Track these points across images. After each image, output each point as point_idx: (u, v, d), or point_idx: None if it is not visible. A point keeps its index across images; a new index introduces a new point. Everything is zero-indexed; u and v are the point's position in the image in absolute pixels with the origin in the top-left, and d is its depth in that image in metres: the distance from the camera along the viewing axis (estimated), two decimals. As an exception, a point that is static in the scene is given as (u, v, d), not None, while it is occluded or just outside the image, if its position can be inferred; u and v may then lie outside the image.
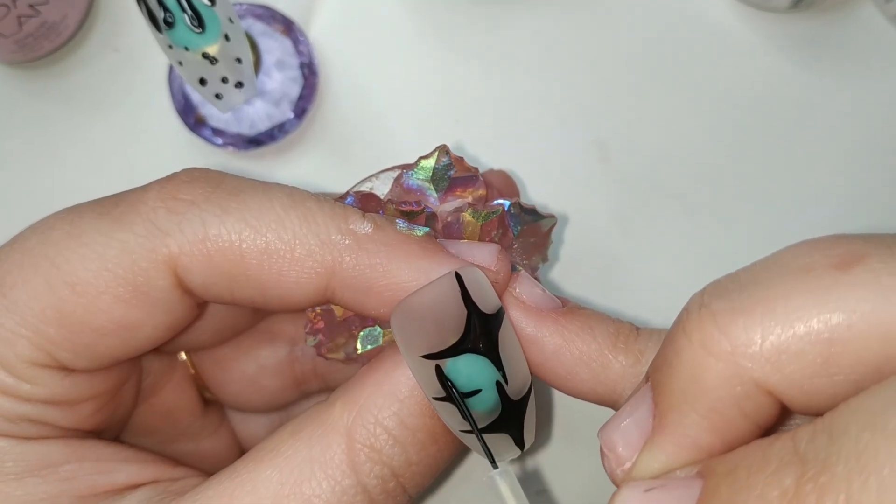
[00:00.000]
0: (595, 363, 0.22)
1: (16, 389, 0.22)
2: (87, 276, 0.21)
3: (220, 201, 0.22)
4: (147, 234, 0.22)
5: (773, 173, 0.35)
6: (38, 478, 0.22)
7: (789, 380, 0.17)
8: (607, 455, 0.20)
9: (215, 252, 0.22)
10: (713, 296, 0.18)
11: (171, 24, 0.28)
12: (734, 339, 0.17)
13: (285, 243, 0.22)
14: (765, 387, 0.17)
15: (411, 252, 0.22)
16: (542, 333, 0.22)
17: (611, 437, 0.20)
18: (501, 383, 0.21)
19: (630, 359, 0.22)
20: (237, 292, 0.22)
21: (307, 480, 0.21)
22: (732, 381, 0.17)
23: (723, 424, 0.18)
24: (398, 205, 0.24)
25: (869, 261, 0.17)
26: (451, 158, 0.25)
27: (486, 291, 0.21)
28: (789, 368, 0.17)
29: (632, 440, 0.19)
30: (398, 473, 0.22)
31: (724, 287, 0.18)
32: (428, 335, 0.20)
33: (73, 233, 0.22)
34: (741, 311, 0.17)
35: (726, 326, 0.17)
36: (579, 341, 0.22)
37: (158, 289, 0.22)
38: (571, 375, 0.22)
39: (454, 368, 0.20)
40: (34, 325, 0.22)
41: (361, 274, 0.22)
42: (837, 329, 0.16)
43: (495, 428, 0.21)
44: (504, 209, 0.25)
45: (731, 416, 0.18)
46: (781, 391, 0.17)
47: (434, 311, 0.21)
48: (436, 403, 0.21)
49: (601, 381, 0.22)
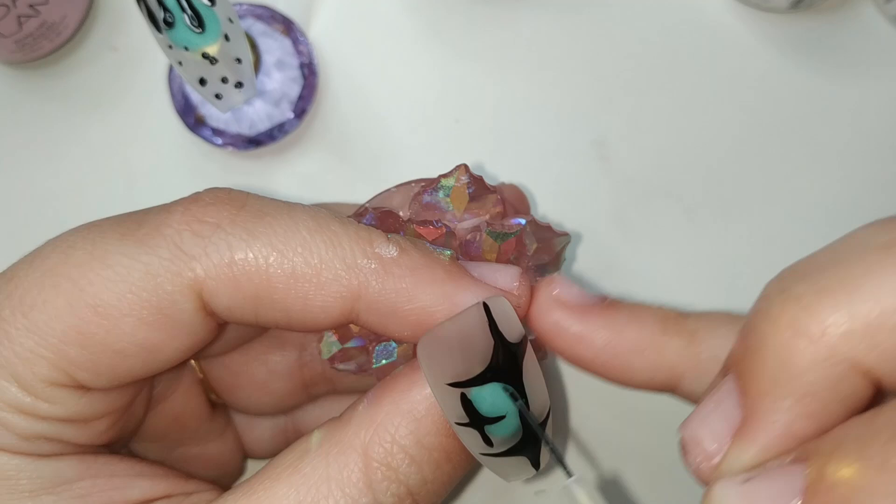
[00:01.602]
0: (649, 349, 0.22)
1: (33, 408, 0.22)
2: (111, 298, 0.21)
3: (246, 224, 0.22)
4: (172, 258, 0.21)
5: (772, 173, 0.35)
6: (53, 495, 0.22)
7: (886, 356, 0.17)
8: (692, 451, 0.19)
9: (241, 276, 0.21)
10: (793, 279, 0.18)
11: (170, 24, 0.27)
12: (824, 320, 0.17)
13: (312, 267, 0.21)
14: (861, 366, 0.17)
15: (436, 277, 0.22)
16: (589, 329, 0.22)
17: (696, 432, 0.19)
18: (524, 411, 0.21)
19: (684, 339, 0.22)
20: (262, 315, 0.22)
21: (324, 499, 0.21)
22: (827, 363, 0.17)
23: (818, 409, 0.17)
24: (418, 224, 0.24)
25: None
26: (471, 177, 0.25)
27: (512, 321, 0.21)
28: (886, 345, 0.16)
29: (719, 433, 0.19)
30: (414, 492, 0.22)
31: (803, 270, 0.18)
32: (454, 364, 0.21)
33: (97, 254, 0.22)
34: (827, 291, 0.17)
35: (814, 308, 0.17)
36: (629, 331, 0.22)
37: (182, 312, 0.22)
38: (626, 366, 0.22)
39: (479, 396, 0.20)
40: (55, 345, 0.21)
41: (386, 298, 0.22)
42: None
43: (515, 451, 0.21)
44: (522, 228, 0.25)
45: (826, 399, 0.17)
46: (879, 368, 0.17)
47: (461, 340, 0.21)
48: (458, 428, 0.21)
49: (658, 366, 0.22)
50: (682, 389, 0.22)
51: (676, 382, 0.22)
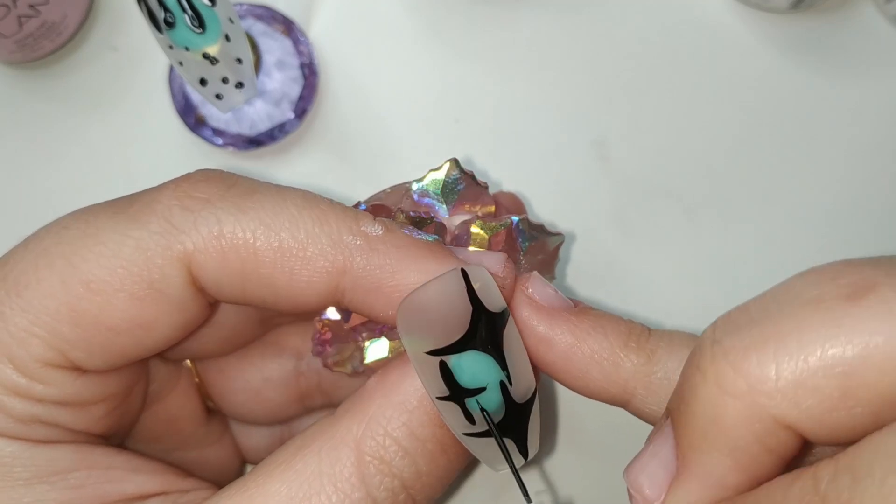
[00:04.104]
0: (606, 362, 0.22)
1: (28, 390, 0.22)
2: (103, 273, 0.21)
3: (236, 200, 0.22)
4: (162, 232, 0.22)
5: (772, 173, 0.35)
6: (48, 484, 0.22)
7: (808, 414, 0.17)
8: (634, 497, 0.20)
9: (229, 249, 0.22)
10: (725, 332, 0.18)
11: (171, 25, 0.28)
12: (749, 377, 0.17)
13: (298, 242, 0.22)
14: (784, 422, 0.17)
15: (420, 254, 0.22)
16: (553, 332, 0.22)
17: (637, 479, 0.19)
18: (506, 384, 0.21)
19: (642, 358, 0.22)
20: (249, 291, 0.22)
21: (316, 494, 0.21)
22: (752, 419, 0.17)
23: (747, 461, 0.18)
24: (408, 213, 0.25)
25: (881, 290, 0.16)
26: (461, 172, 0.25)
27: (492, 291, 0.21)
28: (807, 403, 0.17)
29: (658, 481, 0.19)
30: (408, 485, 0.22)
31: (735, 322, 0.18)
32: (433, 330, 0.20)
33: (89, 231, 0.22)
34: (754, 347, 0.17)
35: (740, 364, 0.17)
36: (591, 340, 0.22)
37: (173, 286, 0.22)
38: (583, 374, 0.22)
39: (458, 365, 0.20)
40: (49, 324, 0.21)
41: (371, 274, 0.22)
42: (852, 362, 0.16)
43: (499, 432, 0.21)
44: (513, 223, 0.25)
45: (753, 452, 0.18)
46: (801, 426, 0.17)
47: (439, 306, 0.20)
48: (439, 404, 0.21)
49: (612, 380, 0.22)
50: (632, 406, 0.22)
51: (628, 398, 0.22)
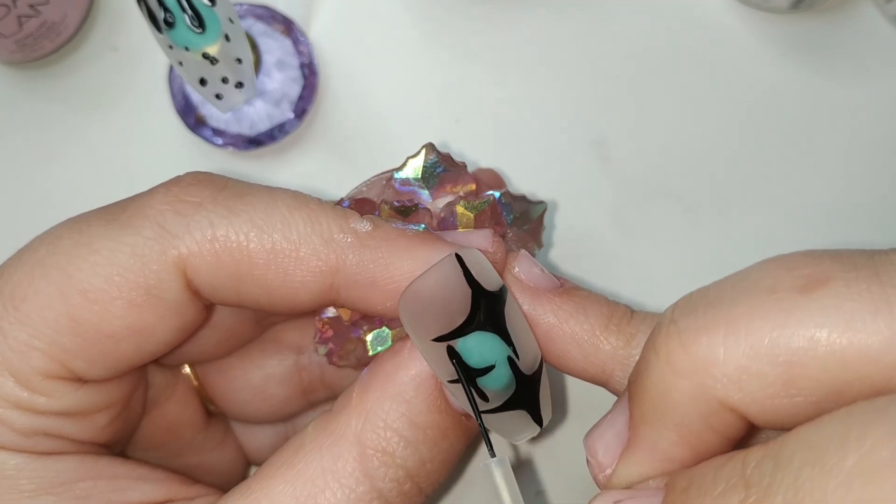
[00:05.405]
0: (586, 343, 0.22)
1: (31, 403, 0.22)
2: (99, 282, 0.21)
3: (227, 202, 0.22)
4: (156, 237, 0.22)
5: (772, 173, 0.35)
6: (54, 496, 0.22)
7: (750, 398, 0.17)
8: (590, 461, 0.20)
9: (223, 252, 0.22)
10: (681, 313, 0.18)
11: (171, 25, 0.28)
12: (697, 358, 0.18)
13: (291, 242, 0.22)
14: (728, 404, 0.18)
15: (410, 244, 0.22)
16: (537, 312, 0.23)
17: (593, 444, 0.20)
18: (513, 358, 0.21)
19: (621, 341, 0.22)
20: (244, 293, 0.22)
21: (321, 492, 0.21)
22: (697, 399, 0.18)
23: (691, 438, 0.18)
24: (392, 204, 0.25)
25: (833, 284, 0.17)
26: (438, 155, 0.25)
27: (487, 270, 0.21)
28: (750, 388, 0.17)
29: (611, 448, 0.20)
30: (413, 474, 0.22)
31: (692, 304, 0.19)
32: (436, 318, 0.21)
33: (82, 241, 0.22)
34: (705, 329, 0.18)
35: (690, 345, 0.18)
36: (572, 321, 0.23)
37: (170, 291, 0.22)
38: (563, 354, 0.23)
39: (465, 347, 0.21)
40: (48, 335, 0.21)
41: (365, 269, 0.22)
42: (797, 353, 0.17)
43: (512, 405, 0.21)
44: (495, 199, 0.25)
45: (698, 430, 0.18)
46: (745, 409, 0.18)
47: (439, 293, 0.21)
48: (451, 387, 0.21)
49: (592, 361, 0.22)
50: (610, 386, 0.23)
51: (607, 379, 0.23)
